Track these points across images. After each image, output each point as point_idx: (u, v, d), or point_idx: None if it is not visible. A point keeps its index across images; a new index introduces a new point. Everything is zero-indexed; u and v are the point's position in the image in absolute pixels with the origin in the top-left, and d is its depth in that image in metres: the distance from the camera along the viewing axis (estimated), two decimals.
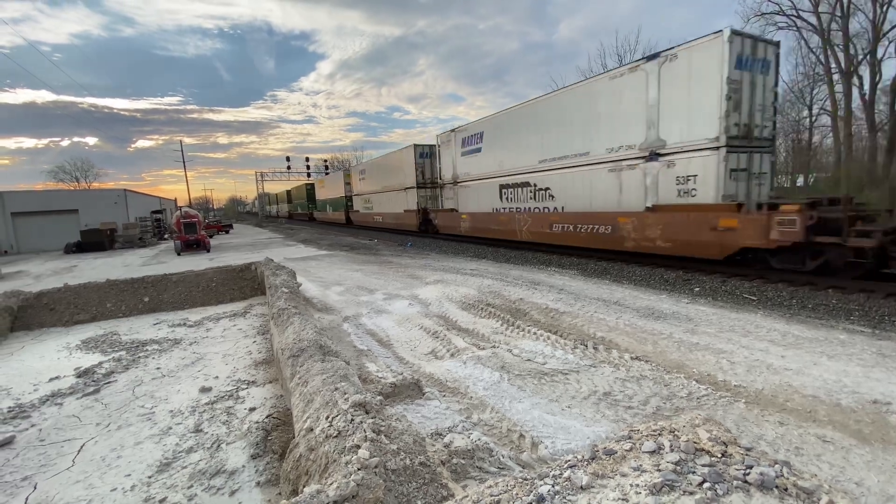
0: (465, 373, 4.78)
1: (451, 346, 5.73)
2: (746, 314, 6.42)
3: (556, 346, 5.50)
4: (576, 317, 6.51)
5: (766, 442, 3.24)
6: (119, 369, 5.36)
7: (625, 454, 1.52)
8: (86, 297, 8.27)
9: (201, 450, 3.47)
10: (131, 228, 27.95)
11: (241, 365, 5.33)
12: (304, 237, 26.62)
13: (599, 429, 3.51)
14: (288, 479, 2.62)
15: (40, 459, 3.45)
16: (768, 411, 3.69)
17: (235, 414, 4.05)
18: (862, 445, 3.16)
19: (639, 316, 6.45)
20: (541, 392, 4.25)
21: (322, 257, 16.06)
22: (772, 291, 7.84)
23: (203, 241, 20.54)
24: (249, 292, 9.47)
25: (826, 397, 3.80)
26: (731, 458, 1.45)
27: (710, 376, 4.38)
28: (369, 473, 2.05)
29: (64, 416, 4.17)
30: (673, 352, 5.04)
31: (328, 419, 2.62)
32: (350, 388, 3.09)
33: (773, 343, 5.16)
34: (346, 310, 7.88)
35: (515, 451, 3.27)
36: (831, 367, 4.41)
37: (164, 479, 3.11)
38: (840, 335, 5.35)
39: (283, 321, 5.38)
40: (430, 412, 3.92)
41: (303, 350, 4.13)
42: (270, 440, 3.54)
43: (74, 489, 3.05)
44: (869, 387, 3.93)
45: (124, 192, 32.11)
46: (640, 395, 4.07)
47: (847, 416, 3.51)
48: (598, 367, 4.78)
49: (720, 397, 3.96)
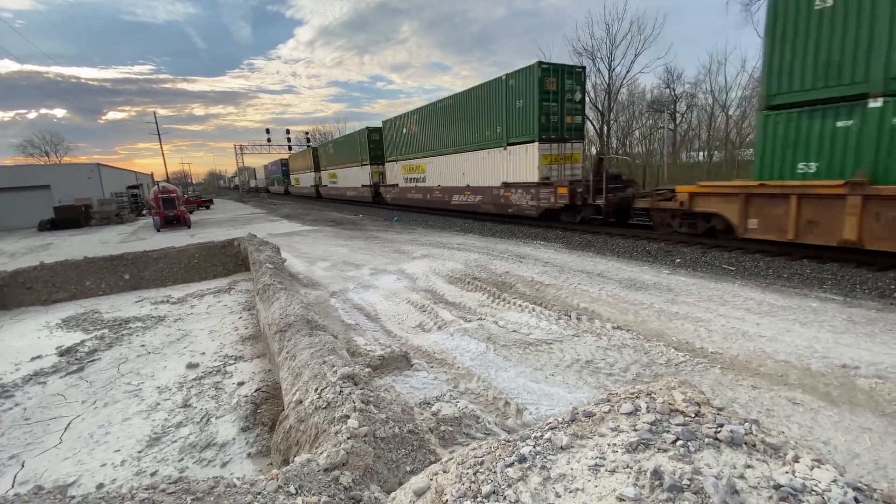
0: (452, 344, 4.86)
1: (438, 318, 5.79)
2: (725, 284, 6.61)
3: (541, 317, 5.60)
4: (560, 289, 6.62)
5: (739, 405, 3.40)
6: (102, 347, 5.30)
7: (603, 416, 1.58)
8: (63, 275, 8.08)
9: (191, 424, 3.49)
10: (107, 205, 27.14)
11: (228, 341, 5.33)
12: (287, 212, 26.21)
13: (581, 395, 3.63)
14: (278, 450, 2.67)
15: (26, 438, 3.44)
16: (742, 376, 3.85)
17: (224, 389, 4.07)
18: (830, 407, 3.33)
19: (621, 287, 6.59)
20: (525, 361, 4.36)
21: (306, 233, 15.89)
22: (749, 262, 8.06)
23: (183, 216, 20.10)
24: (233, 268, 9.37)
25: (797, 362, 3.98)
26: (704, 417, 1.52)
27: (688, 344, 4.54)
28: (359, 442, 2.10)
29: (48, 395, 4.14)
30: (653, 321, 5.18)
31: (317, 391, 2.66)
32: (338, 360, 3.12)
33: (748, 311, 5.34)
34: (333, 285, 7.87)
35: (501, 418, 3.37)
36: (803, 333, 4.60)
37: (154, 453, 3.14)
38: (812, 303, 5.56)
39: (269, 297, 5.36)
40: (419, 383, 4.00)
41: (290, 325, 4.14)
42: (260, 413, 3.58)
43: (63, 465, 3.06)
44: (838, 352, 4.12)
45: (97, 166, 30.98)
46: (620, 363, 4.20)
47: (817, 380, 3.69)
48: (581, 336, 4.90)
49: (697, 363, 4.12)
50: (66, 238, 19.52)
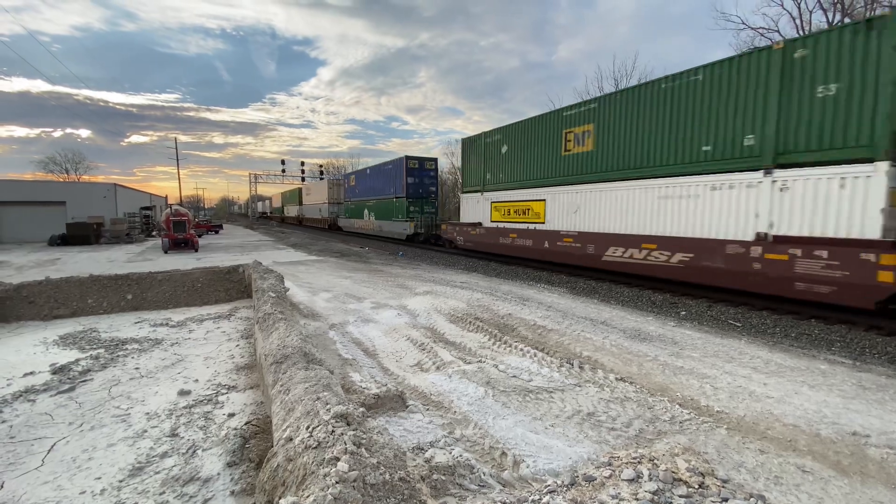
0: (450, 387, 4.75)
1: (437, 358, 5.69)
2: (731, 340, 6.48)
3: (543, 363, 5.49)
4: (563, 335, 6.52)
5: (746, 469, 3.26)
6: (96, 367, 5.23)
7: (604, 481, 1.51)
8: (67, 291, 8.10)
9: (176, 455, 3.38)
10: (119, 224, 27.56)
11: (223, 369, 5.24)
12: (294, 241, 26.43)
13: (582, 449, 3.50)
14: (263, 490, 2.57)
15: (9, 457, 3.34)
16: (749, 439, 3.71)
17: (214, 419, 3.97)
18: (841, 477, 3.18)
19: (625, 337, 6.49)
20: (525, 409, 4.23)
21: (312, 262, 15.95)
22: (756, 318, 7.94)
23: (191, 240, 20.31)
24: (236, 294, 9.36)
25: (806, 427, 3.84)
26: (708, 489, 1.45)
27: (693, 401, 4.40)
28: (347, 487, 2.01)
29: (36, 414, 4.05)
30: (658, 374, 5.06)
31: (308, 429, 2.58)
32: (332, 398, 3.05)
33: (755, 370, 5.21)
34: (333, 317, 7.81)
35: (497, 469, 3.24)
36: (812, 396, 4.46)
37: (135, 483, 3.03)
38: (821, 365, 5.42)
39: (269, 326, 5.31)
40: (413, 426, 3.88)
41: (286, 357, 4.08)
42: (248, 448, 3.47)
43: (42, 490, 2.95)
44: (849, 418, 3.97)
45: (114, 186, 31.71)
46: (623, 417, 4.07)
47: (827, 447, 3.54)
48: (583, 386, 4.78)
49: (703, 422, 3.98)
50: (74, 254, 19.71)
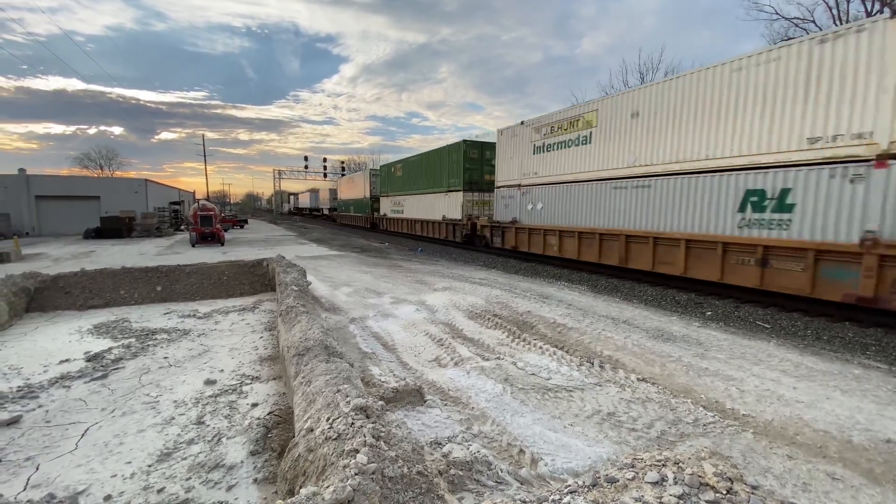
0: (468, 383, 4.75)
1: (455, 354, 5.70)
2: (759, 342, 6.29)
3: (562, 361, 5.44)
4: (583, 333, 6.44)
5: (773, 475, 3.16)
6: (128, 356, 5.43)
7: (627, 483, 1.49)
8: (101, 282, 8.42)
9: (202, 442, 3.49)
10: (149, 218, 28.47)
11: (247, 360, 5.37)
12: (316, 236, 26.83)
13: (601, 449, 3.45)
14: (285, 479, 2.62)
15: (44, 441, 3.50)
16: (777, 443, 3.59)
17: (238, 409, 4.07)
18: (872, 486, 3.05)
19: (648, 337, 6.36)
20: (543, 407, 4.20)
21: (333, 257, 16.17)
22: (786, 320, 7.67)
23: (218, 234, 20.83)
24: (260, 288, 9.56)
25: (838, 433, 3.70)
26: (737, 495, 1.41)
27: (717, 403, 4.29)
28: (366, 479, 2.04)
29: (71, 399, 4.24)
30: (681, 375, 4.95)
31: (329, 421, 2.62)
32: (352, 390, 3.09)
33: (784, 373, 5.04)
34: (354, 311, 7.90)
35: (514, 467, 3.23)
36: (844, 402, 4.29)
37: (163, 468, 3.14)
38: (855, 370, 5.21)
39: (291, 319, 5.41)
40: (431, 420, 3.90)
41: (308, 349, 4.15)
42: (270, 437, 3.55)
43: (75, 473, 3.08)
44: (883, 425, 3.81)
45: (145, 181, 32.78)
46: (644, 418, 4.00)
47: (859, 455, 3.40)
48: (604, 386, 4.71)
49: (727, 426, 3.88)
50: (107, 247, 20.47)
